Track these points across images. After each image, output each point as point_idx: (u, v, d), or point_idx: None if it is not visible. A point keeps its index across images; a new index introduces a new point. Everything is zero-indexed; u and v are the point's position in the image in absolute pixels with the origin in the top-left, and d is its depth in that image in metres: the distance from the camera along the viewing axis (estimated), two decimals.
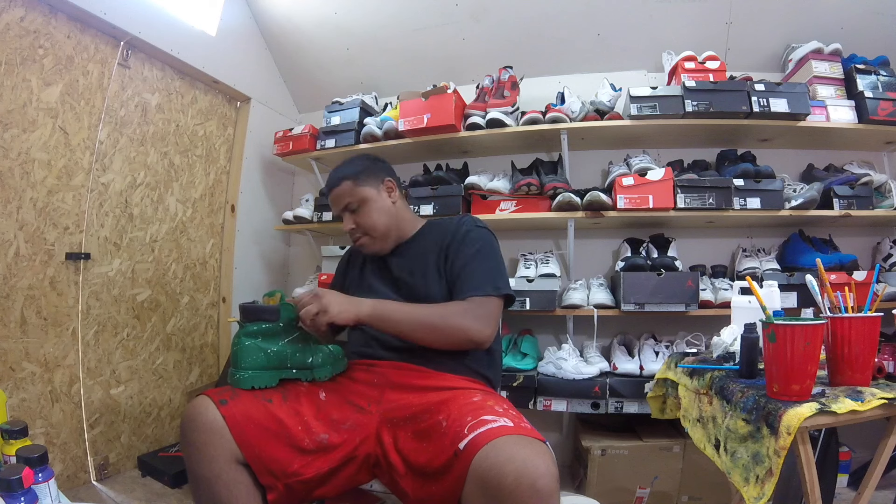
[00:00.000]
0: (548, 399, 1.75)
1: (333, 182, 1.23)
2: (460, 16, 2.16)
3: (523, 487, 0.70)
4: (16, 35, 1.48)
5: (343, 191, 1.21)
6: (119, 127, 1.82)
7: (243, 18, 2.31)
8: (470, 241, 1.17)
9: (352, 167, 1.24)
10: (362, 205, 1.21)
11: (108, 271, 1.80)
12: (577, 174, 2.09)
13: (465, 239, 1.17)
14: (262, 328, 1.01)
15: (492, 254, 1.17)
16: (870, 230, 1.95)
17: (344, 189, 1.21)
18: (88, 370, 1.73)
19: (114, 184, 1.81)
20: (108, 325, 1.80)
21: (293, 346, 1.04)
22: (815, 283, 1.03)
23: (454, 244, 1.17)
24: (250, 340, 1.00)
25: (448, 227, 1.22)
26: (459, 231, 1.19)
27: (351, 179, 1.21)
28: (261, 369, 1.00)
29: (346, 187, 1.21)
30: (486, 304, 1.09)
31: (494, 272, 1.14)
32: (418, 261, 1.20)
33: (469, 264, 1.13)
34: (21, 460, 0.72)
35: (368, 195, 1.21)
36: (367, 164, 1.26)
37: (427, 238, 1.24)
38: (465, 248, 1.15)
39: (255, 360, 0.99)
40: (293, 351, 1.03)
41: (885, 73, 1.82)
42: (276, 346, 1.01)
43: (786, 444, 0.79)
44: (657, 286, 1.72)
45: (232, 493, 0.88)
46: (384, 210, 1.23)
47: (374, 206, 1.21)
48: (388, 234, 1.23)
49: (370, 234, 1.22)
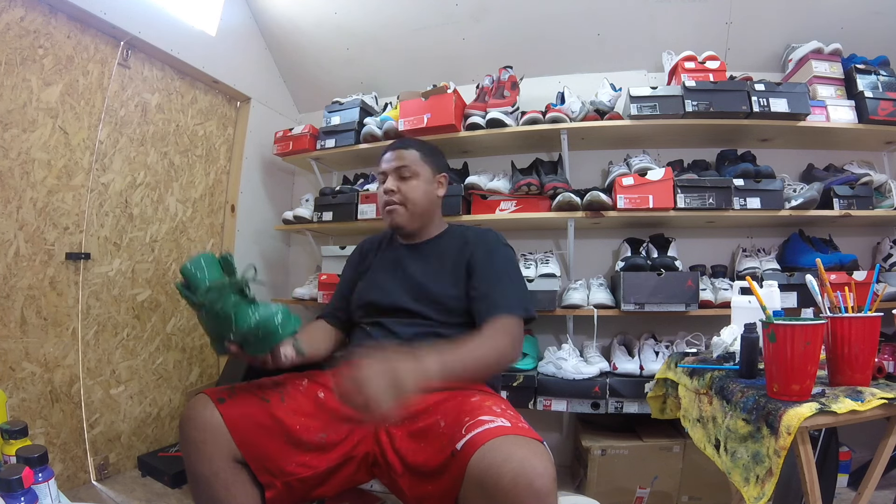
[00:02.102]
0: (548, 399, 1.75)
1: (403, 144, 1.26)
2: (460, 16, 2.16)
3: (520, 487, 0.70)
4: (16, 35, 1.48)
5: (407, 156, 1.23)
6: (119, 127, 1.82)
7: (243, 18, 2.31)
8: (499, 258, 1.16)
9: (423, 144, 1.29)
10: (414, 177, 1.22)
11: (108, 271, 1.80)
12: (577, 174, 2.09)
13: (494, 255, 1.17)
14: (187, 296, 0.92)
15: (519, 274, 1.19)
16: (870, 230, 1.95)
17: (410, 155, 1.23)
18: (88, 370, 1.73)
19: (114, 184, 1.81)
20: (108, 325, 1.81)
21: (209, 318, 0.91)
22: (815, 283, 1.03)
23: (480, 257, 1.16)
24: None
25: (471, 238, 1.22)
26: (485, 245, 1.19)
27: (420, 152, 1.24)
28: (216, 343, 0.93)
29: (412, 155, 1.23)
30: (516, 325, 1.09)
31: (524, 293, 1.15)
32: (436, 263, 1.19)
33: (501, 282, 1.12)
34: (21, 460, 0.72)
35: (425, 173, 1.24)
36: (437, 152, 1.31)
37: (448, 244, 1.23)
38: (494, 265, 1.15)
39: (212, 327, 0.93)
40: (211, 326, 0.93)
41: (885, 73, 1.82)
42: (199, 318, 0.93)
43: (786, 444, 0.79)
44: (657, 286, 1.72)
45: (230, 491, 0.88)
46: (429, 194, 1.25)
47: (423, 185, 1.23)
48: (420, 216, 1.24)
49: (406, 204, 1.21)
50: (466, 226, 1.32)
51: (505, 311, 1.07)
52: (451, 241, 1.24)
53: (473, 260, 1.16)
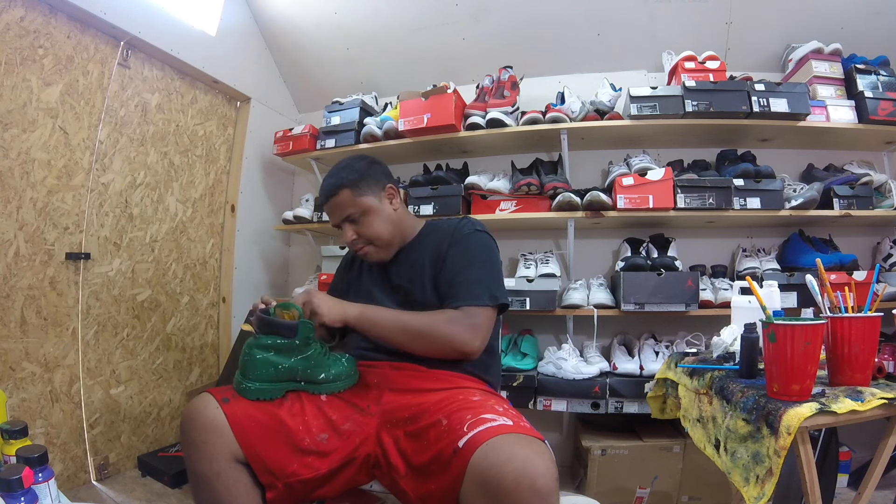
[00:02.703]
0: (548, 399, 1.75)
1: (331, 190, 1.14)
2: (460, 16, 2.16)
3: (523, 487, 0.70)
4: (16, 35, 1.48)
5: (342, 201, 1.13)
6: (119, 127, 1.82)
7: (243, 18, 2.31)
8: (467, 247, 1.13)
9: (349, 173, 1.15)
10: (364, 215, 1.14)
11: (108, 271, 1.80)
12: (577, 174, 2.09)
13: (462, 243, 1.13)
14: (277, 343, 0.97)
15: (489, 260, 1.13)
16: (870, 230, 1.95)
17: (343, 199, 1.13)
18: (88, 370, 1.73)
19: (114, 184, 1.81)
20: (108, 325, 1.81)
21: (306, 361, 1.00)
22: (815, 283, 1.03)
23: (451, 249, 1.13)
24: (262, 353, 0.96)
25: (446, 231, 1.18)
26: (457, 235, 1.15)
27: (350, 188, 1.13)
28: (268, 382, 0.97)
29: (345, 197, 1.13)
30: (479, 314, 1.04)
31: (490, 280, 1.09)
32: (415, 267, 1.17)
33: (464, 271, 1.09)
34: (21, 460, 0.72)
35: (370, 205, 1.14)
36: (365, 169, 1.17)
37: (424, 243, 1.21)
38: (461, 254, 1.12)
39: (264, 373, 0.96)
40: (305, 367, 1.00)
41: (885, 73, 1.82)
42: (289, 363, 0.98)
43: (786, 444, 0.79)
44: (657, 286, 1.72)
45: (231, 491, 0.88)
46: (387, 218, 1.17)
47: (376, 216, 1.15)
48: (392, 243, 1.18)
49: (374, 243, 1.16)
50: (442, 219, 1.28)
51: (467, 300, 1.05)
52: (427, 239, 1.21)
53: (446, 254, 1.13)
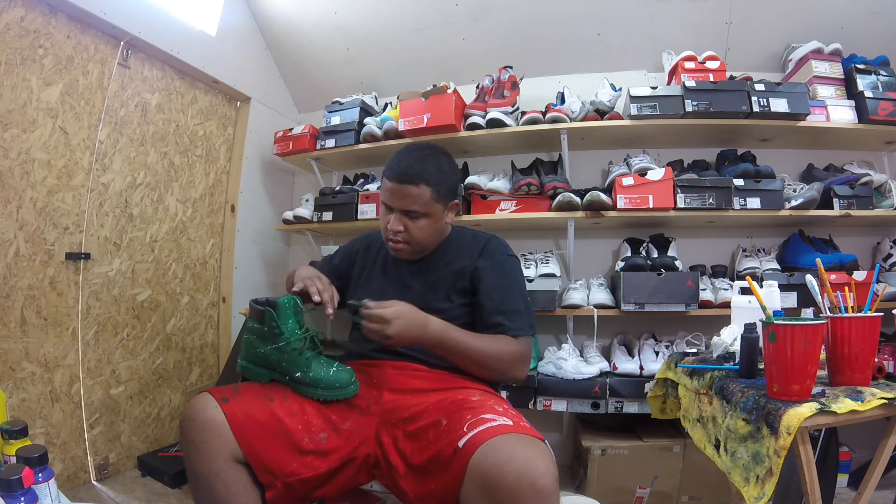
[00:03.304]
0: (548, 399, 1.75)
1: (412, 177, 1.05)
2: (460, 16, 2.16)
3: (523, 487, 0.70)
4: (16, 35, 1.48)
5: (416, 194, 1.05)
6: (119, 127, 1.82)
7: (243, 18, 2.31)
8: (503, 272, 1.14)
9: (437, 172, 1.08)
10: (424, 217, 1.08)
11: (108, 271, 1.80)
12: (577, 174, 2.09)
13: (499, 269, 1.14)
14: (255, 327, 1.03)
15: (525, 288, 1.18)
16: (870, 230, 1.95)
17: (419, 193, 1.05)
18: (88, 370, 1.73)
19: (114, 184, 1.81)
20: (108, 325, 1.80)
21: (279, 353, 0.99)
22: (815, 283, 1.03)
23: (486, 270, 1.12)
24: (248, 335, 1.04)
25: (472, 246, 1.17)
26: (492, 256, 1.15)
27: (432, 188, 1.06)
28: (253, 364, 1.04)
29: (421, 192, 1.05)
30: (529, 344, 1.12)
31: (528, 310, 1.14)
32: (434, 273, 1.15)
33: (512, 299, 1.12)
34: (21, 460, 0.72)
35: (436, 212, 1.09)
36: (452, 177, 1.13)
37: (450, 252, 1.18)
38: (500, 280, 1.13)
39: (248, 353, 1.04)
40: (278, 358, 1.00)
41: (885, 73, 1.82)
42: (264, 349, 1.01)
43: (786, 444, 0.79)
44: (657, 286, 1.72)
45: (231, 491, 0.88)
46: (439, 229, 1.14)
47: (433, 225, 1.11)
48: (427, 250, 1.16)
49: (412, 244, 1.11)
50: (470, 230, 1.26)
51: (520, 330, 1.10)
52: (451, 248, 1.18)
53: (480, 272, 1.12)
